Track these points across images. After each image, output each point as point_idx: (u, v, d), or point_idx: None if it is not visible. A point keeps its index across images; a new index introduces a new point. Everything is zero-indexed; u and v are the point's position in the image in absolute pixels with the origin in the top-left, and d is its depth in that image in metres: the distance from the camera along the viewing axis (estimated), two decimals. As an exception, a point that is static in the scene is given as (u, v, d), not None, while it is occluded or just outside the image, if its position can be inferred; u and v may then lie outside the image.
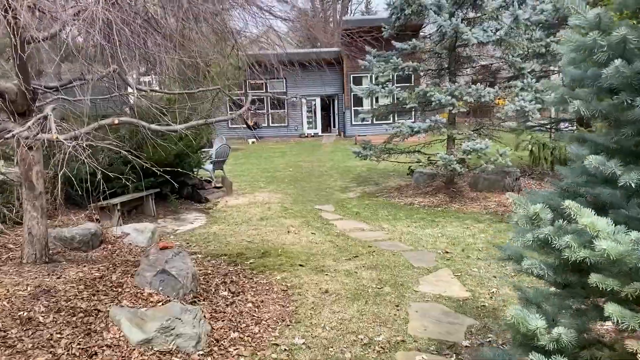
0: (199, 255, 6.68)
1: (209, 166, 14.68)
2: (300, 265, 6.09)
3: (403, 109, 11.23)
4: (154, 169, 5.32)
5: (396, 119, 23.46)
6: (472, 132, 9.86)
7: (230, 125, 30.27)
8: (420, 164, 10.08)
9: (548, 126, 15.16)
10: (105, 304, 4.01)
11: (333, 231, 8.10)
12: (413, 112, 16.69)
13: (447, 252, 6.52)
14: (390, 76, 12.29)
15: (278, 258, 6.45)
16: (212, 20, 6.15)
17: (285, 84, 29.97)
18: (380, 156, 10.84)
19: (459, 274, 5.66)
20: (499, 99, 9.96)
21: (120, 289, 4.34)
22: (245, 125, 28.97)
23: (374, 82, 10.80)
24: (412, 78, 20.07)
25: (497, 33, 9.53)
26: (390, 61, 10.10)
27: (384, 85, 10.03)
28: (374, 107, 11.24)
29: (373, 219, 8.95)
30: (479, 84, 9.34)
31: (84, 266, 4.99)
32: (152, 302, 4.15)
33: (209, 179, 11.70)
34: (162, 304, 4.11)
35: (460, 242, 7.07)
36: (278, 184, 13.60)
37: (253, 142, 28.26)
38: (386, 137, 11.19)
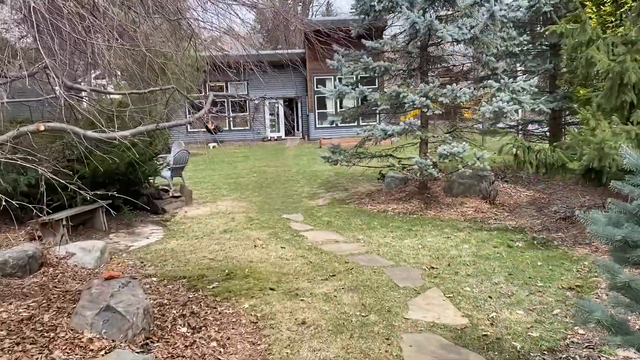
0: (154, 279, 5.88)
1: (166, 173, 13.78)
2: (271, 289, 5.38)
3: (372, 111, 10.67)
4: (102, 179, 4.53)
5: (361, 122, 23.03)
6: (447, 135, 9.37)
7: (189, 130, 29.21)
8: (394, 168, 9.54)
9: (518, 128, 14.93)
10: (32, 356, 3.21)
11: (304, 244, 7.42)
12: (378, 115, 16.24)
13: (432, 268, 5.94)
14: (356, 78, 11.75)
15: (245, 280, 5.72)
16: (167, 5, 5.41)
17: (247, 86, 29.11)
18: (351, 161, 10.23)
19: (451, 294, 5.07)
20: (473, 100, 9.51)
21: (53, 334, 3.54)
22: (205, 129, 27.98)
23: (342, 82, 10.18)
24: (377, 82, 19.66)
25: (472, 30, 9.07)
26: (360, 60, 9.51)
27: (354, 86, 9.42)
28: (342, 109, 10.61)
29: (346, 229, 8.32)
30: (454, 84, 8.85)
31: (11, 302, 4.15)
32: (92, 350, 3.38)
33: (167, 187, 10.83)
34: (106, 352, 3.34)
35: (444, 255, 6.51)
36: (242, 191, 12.83)
37: (214, 147, 27.28)
38: (353, 140, 10.60)
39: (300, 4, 45.07)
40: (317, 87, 26.90)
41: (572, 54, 6.53)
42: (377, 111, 10.00)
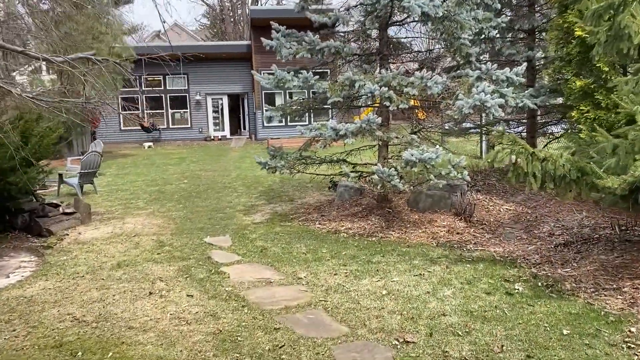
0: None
1: (73, 180, 11.35)
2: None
3: (321, 106, 8.60)
4: None
5: (312, 119, 20.97)
6: (414, 136, 7.42)
7: (122, 128, 26.40)
8: (348, 178, 7.50)
9: (483, 129, 13.24)
10: None
11: (222, 289, 5.26)
12: (331, 112, 14.21)
13: (407, 343, 3.89)
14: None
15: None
16: None
17: (187, 80, 26.56)
18: (294, 167, 8.14)
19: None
20: (446, 92, 7.60)
21: None
22: (140, 127, 25.24)
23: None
24: (330, 73, 17.65)
25: (445, 3, 7.16)
26: (304, 40, 7.43)
27: (297, 72, 7.32)
28: (286, 103, 8.51)
29: (285, 261, 6.21)
30: (423, 70, 6.91)
31: None
32: None
33: (56, 202, 8.40)
34: None
35: (421, 312, 4.50)
36: (163, 202, 10.50)
37: (150, 147, 24.61)
38: (304, 142, 8.52)
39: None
40: (254, 72, 24.62)
41: (594, 23, 4.63)
42: (328, 106, 7.93)
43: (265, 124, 24.92)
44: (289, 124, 22.34)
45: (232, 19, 44.15)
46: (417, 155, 6.54)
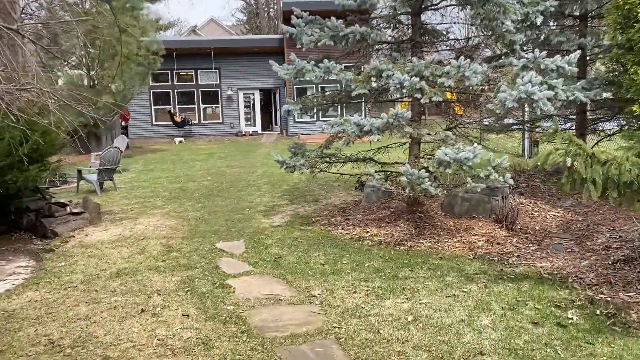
0: None
1: (92, 177, 10.95)
2: None
3: (348, 99, 7.84)
4: None
5: (345, 113, 20.19)
6: (448, 133, 6.59)
7: (154, 122, 26.25)
8: (374, 178, 6.72)
9: (525, 125, 12.24)
10: None
11: (224, 308, 4.61)
12: (364, 105, 13.40)
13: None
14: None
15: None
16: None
17: (219, 75, 26.17)
18: (315, 166, 7.43)
19: None
20: (487, 84, 6.73)
21: None
22: (172, 122, 25.00)
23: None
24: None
25: (487, -17, 6.30)
26: (327, 26, 6.69)
27: (318, 62, 6.58)
28: (307, 96, 7.78)
29: (300, 273, 5.52)
30: (461, 58, 6.07)
31: None
32: None
33: (64, 201, 7.93)
34: None
35: (454, 347, 3.72)
36: (182, 201, 9.97)
37: (181, 142, 24.35)
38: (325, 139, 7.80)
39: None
40: (272, 62, 23.96)
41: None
42: (355, 100, 7.17)
43: (297, 119, 24.30)
44: (320, 119, 21.66)
45: (266, 14, 43.75)
46: (452, 155, 5.72)
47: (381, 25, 7.86)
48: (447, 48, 8.02)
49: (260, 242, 6.87)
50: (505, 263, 5.72)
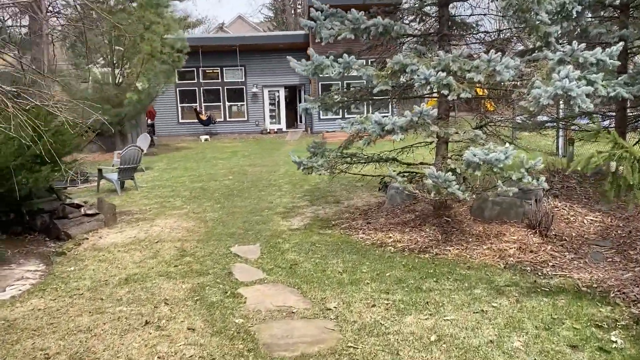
0: None
1: (112, 176, 10.83)
2: None
3: (372, 96, 7.45)
4: None
5: (370, 110, 19.71)
6: (478, 131, 6.14)
7: (180, 120, 26.27)
8: (396, 180, 6.32)
9: (560, 122, 11.63)
10: None
11: (232, 321, 4.30)
12: (391, 102, 12.92)
13: None
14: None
15: None
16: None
17: (245, 72, 26.01)
18: (335, 167, 7.07)
19: None
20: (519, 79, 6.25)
21: None
22: (198, 120, 24.93)
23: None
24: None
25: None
26: (347, 19, 6.31)
27: (338, 57, 6.21)
28: (325, 93, 7.41)
29: (316, 282, 5.18)
30: (491, 52, 5.62)
31: None
32: None
33: (78, 202, 7.76)
34: None
35: (480, 372, 3.34)
36: (202, 201, 9.75)
37: (206, 140, 24.31)
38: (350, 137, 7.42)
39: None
40: (290, 57, 23.61)
41: None
42: (375, 95, 6.78)
43: (321, 117, 23.97)
44: (346, 116, 21.27)
45: (293, 10, 43.48)
46: (481, 156, 5.29)
47: (406, 18, 7.44)
48: (477, 41, 7.54)
49: (277, 246, 6.56)
50: (539, 274, 5.27)
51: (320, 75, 6.54)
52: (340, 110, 18.40)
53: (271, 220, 8.05)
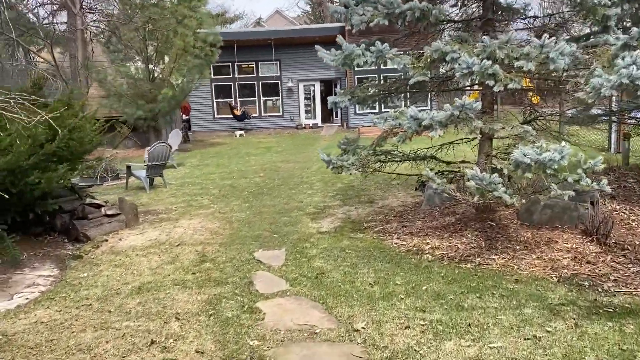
0: None
1: (141, 173, 10.58)
2: None
3: (407, 88, 6.84)
4: None
5: (408, 104, 18.99)
6: (527, 127, 5.47)
7: (216, 116, 26.12)
8: (434, 181, 5.70)
9: (616, 115, 10.74)
10: None
11: (246, 343, 3.82)
12: (429, 95, 12.21)
13: None
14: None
15: None
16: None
17: (280, 67, 25.61)
18: (367, 165, 6.51)
19: None
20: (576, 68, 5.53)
21: None
22: (232, 115, 24.69)
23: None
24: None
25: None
26: (380, 4, 5.72)
27: (369, 46, 5.64)
28: (357, 86, 6.83)
29: (343, 296, 4.65)
30: (544, 36, 4.94)
31: None
32: None
33: (99, 202, 7.45)
34: None
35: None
36: (230, 200, 9.37)
37: (241, 135, 24.08)
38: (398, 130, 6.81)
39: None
40: (357, 67, 22.92)
41: None
42: (412, 87, 6.18)
43: (358, 111, 23.35)
44: (382, 110, 20.60)
45: (330, 2, 42.82)
46: (533, 156, 4.63)
47: (446, 2, 6.79)
48: (525, 27, 6.82)
49: (303, 252, 6.06)
50: (599, 290, 4.59)
51: (355, 69, 6.01)
52: (377, 104, 17.80)
53: (300, 221, 7.56)
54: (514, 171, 4.82)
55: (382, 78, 21.82)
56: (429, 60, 5.36)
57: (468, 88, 7.12)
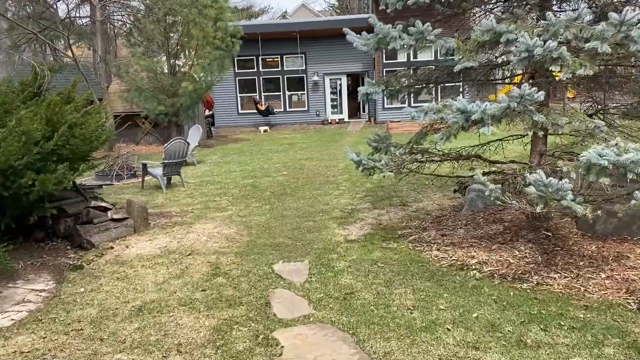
0: None
1: (157, 171, 9.97)
2: None
3: (450, 77, 5.99)
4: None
5: (439, 98, 18.05)
6: (599, 122, 4.58)
7: (240, 111, 25.53)
8: (487, 187, 4.86)
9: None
10: None
11: (259, 389, 3.09)
12: (462, 85, 11.26)
13: None
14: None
15: None
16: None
17: (305, 60, 24.85)
18: (402, 166, 5.70)
19: None
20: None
21: None
22: (256, 110, 24.06)
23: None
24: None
25: None
26: (420, -22, 4.89)
27: (407, 27, 4.83)
28: (390, 75, 6.00)
29: (377, 324, 3.88)
30: (627, 9, 4.06)
31: None
32: None
33: (105, 205, 6.81)
34: None
35: None
36: (250, 201, 8.67)
37: (265, 131, 23.43)
38: (431, 125, 6.00)
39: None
40: (386, 60, 22.05)
41: None
42: (454, 76, 5.34)
43: (386, 105, 22.45)
44: (412, 104, 19.63)
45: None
46: (611, 157, 3.76)
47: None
48: (587, 4, 5.88)
49: (329, 265, 5.30)
50: (695, 323, 3.70)
51: (384, 61, 5.21)
52: (407, 98, 16.83)
53: (325, 227, 6.80)
54: (586, 176, 3.95)
55: (412, 71, 20.91)
56: (478, 42, 4.51)
57: (518, 78, 6.24)
